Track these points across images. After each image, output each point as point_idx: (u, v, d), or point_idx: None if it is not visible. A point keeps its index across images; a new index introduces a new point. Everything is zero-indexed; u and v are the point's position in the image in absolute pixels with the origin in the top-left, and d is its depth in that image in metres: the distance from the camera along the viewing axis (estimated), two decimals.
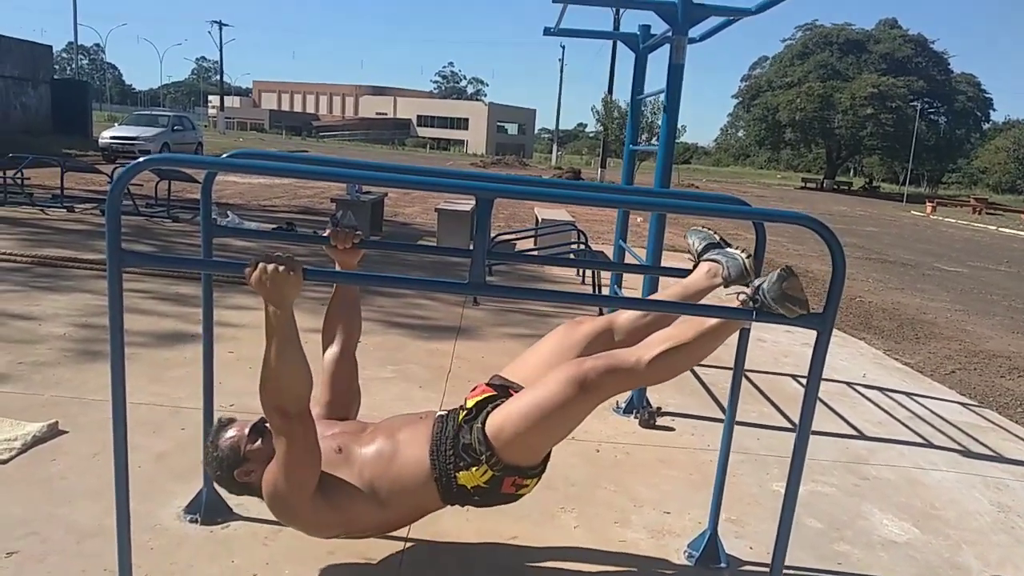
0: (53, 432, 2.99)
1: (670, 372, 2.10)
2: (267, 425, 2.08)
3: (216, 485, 2.15)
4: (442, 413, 2.13)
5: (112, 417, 1.86)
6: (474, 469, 1.97)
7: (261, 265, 1.74)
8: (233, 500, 2.54)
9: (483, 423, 2.00)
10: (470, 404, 2.09)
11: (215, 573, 2.19)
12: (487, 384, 2.18)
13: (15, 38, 23.79)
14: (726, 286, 2.19)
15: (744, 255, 2.20)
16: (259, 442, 2.05)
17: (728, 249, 2.27)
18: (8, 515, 2.38)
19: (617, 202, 2.76)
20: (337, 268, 2.29)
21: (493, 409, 2.03)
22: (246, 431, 2.07)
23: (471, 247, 1.92)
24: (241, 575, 2.20)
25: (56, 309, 4.79)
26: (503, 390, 2.13)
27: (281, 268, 1.73)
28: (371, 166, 2.03)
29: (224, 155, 2.25)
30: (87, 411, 3.22)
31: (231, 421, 2.14)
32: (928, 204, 33.16)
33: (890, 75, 47.38)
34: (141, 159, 1.75)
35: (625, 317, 2.26)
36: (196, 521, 2.44)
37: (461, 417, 2.06)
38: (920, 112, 46.06)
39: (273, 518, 2.48)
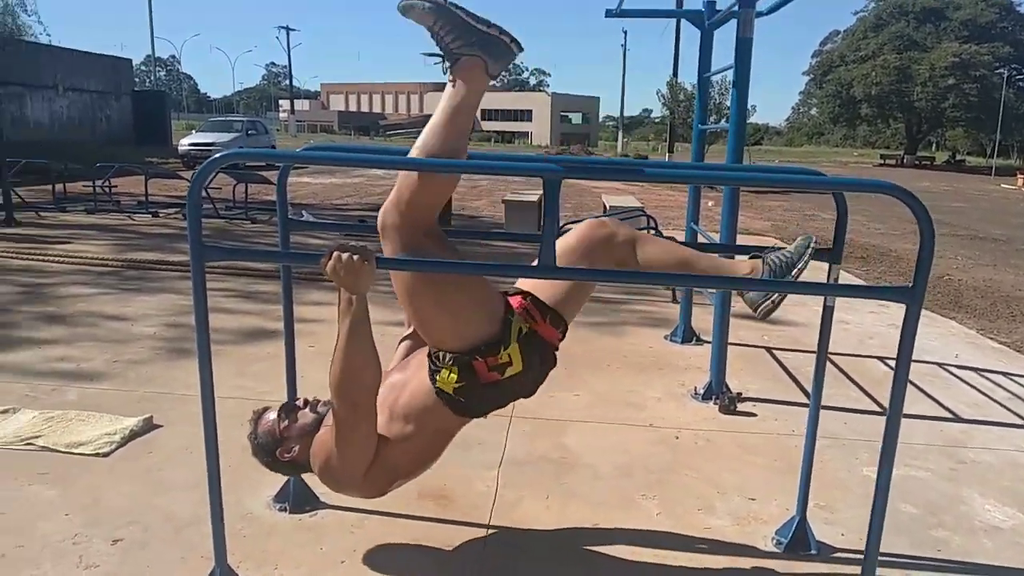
0: (148, 426, 3.13)
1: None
2: (296, 403, 2.15)
3: (270, 471, 2.19)
4: None
5: (202, 409, 1.92)
6: (444, 372, 1.94)
7: (336, 254, 1.78)
8: (320, 490, 2.61)
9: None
10: None
11: (305, 559, 2.25)
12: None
13: (98, 54, 25.00)
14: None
15: (779, 297, 2.04)
16: (288, 421, 2.10)
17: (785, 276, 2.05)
18: (112, 504, 2.51)
19: (689, 177, 2.69)
20: None
21: None
22: (276, 415, 2.12)
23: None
24: (330, 562, 2.25)
25: (146, 310, 5.01)
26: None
27: (356, 257, 1.76)
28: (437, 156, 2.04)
29: (298, 149, 2.31)
30: (178, 406, 3.35)
31: (265, 409, 2.18)
32: (1019, 177, 31.40)
33: (972, 42, 44.99)
34: (219, 153, 1.80)
35: (649, 249, 2.11)
36: (285, 510, 2.52)
37: None
38: (1007, 79, 43.62)
39: (359, 506, 2.55)
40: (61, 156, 13.38)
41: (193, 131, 24.60)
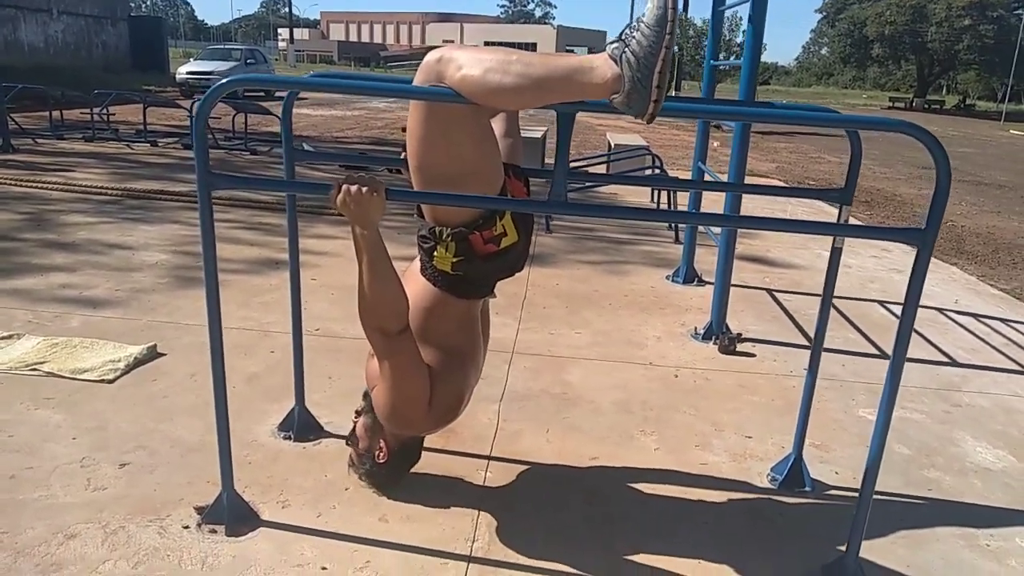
0: (152, 354, 3.15)
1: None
2: (352, 425, 2.24)
3: (397, 487, 2.29)
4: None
5: (209, 338, 1.93)
6: (440, 249, 1.94)
7: (344, 187, 1.75)
8: (324, 419, 2.65)
9: (418, 209, 2.02)
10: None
11: (309, 486, 2.30)
12: None
13: None
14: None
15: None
16: (356, 437, 2.22)
17: None
18: (118, 429, 2.54)
19: (699, 112, 2.62)
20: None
21: None
22: (348, 444, 2.27)
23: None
24: (334, 488, 2.29)
25: (148, 239, 4.99)
26: None
27: (364, 189, 1.74)
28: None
29: (306, 75, 2.27)
30: (182, 334, 3.37)
31: (349, 455, 2.30)
32: None
33: None
34: (225, 79, 1.76)
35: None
36: (290, 438, 2.55)
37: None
38: None
39: None
40: (57, 82, 13.14)
41: (191, 59, 24.13)
